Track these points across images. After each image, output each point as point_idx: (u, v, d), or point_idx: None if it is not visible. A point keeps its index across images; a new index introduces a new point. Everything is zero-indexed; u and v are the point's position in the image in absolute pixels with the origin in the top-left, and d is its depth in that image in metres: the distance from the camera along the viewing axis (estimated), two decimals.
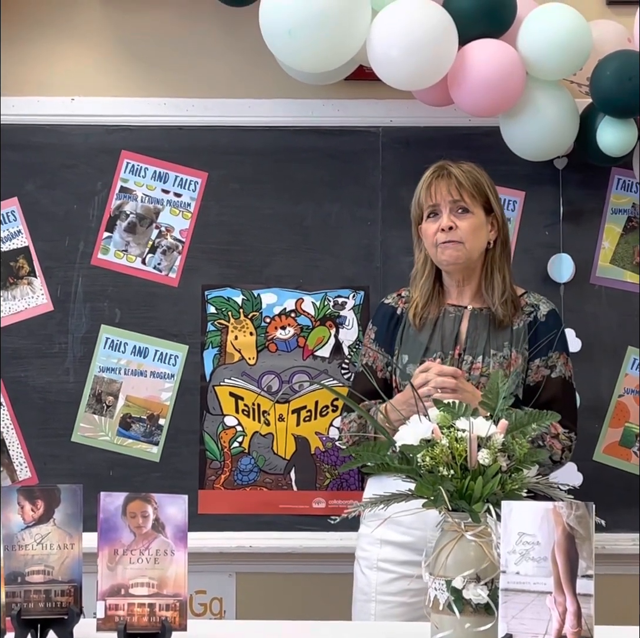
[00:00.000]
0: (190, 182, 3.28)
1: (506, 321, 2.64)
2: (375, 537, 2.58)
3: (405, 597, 2.54)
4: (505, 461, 1.80)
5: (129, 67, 3.32)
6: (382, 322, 2.76)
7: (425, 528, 2.45)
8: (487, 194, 2.67)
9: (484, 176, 2.70)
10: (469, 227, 2.63)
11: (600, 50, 2.94)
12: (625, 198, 3.27)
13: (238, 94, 3.29)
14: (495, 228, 2.69)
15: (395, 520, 2.42)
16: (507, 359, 2.62)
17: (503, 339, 2.64)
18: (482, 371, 2.60)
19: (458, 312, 2.69)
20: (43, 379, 3.24)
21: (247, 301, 3.26)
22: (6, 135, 3.22)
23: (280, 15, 2.75)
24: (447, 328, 2.66)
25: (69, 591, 1.88)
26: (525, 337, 2.65)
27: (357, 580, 2.66)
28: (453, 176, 2.65)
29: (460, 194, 2.64)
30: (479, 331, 2.65)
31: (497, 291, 2.66)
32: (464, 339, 2.65)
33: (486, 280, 2.69)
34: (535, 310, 2.69)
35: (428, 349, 2.64)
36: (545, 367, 2.64)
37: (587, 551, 1.64)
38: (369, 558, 2.61)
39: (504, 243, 2.71)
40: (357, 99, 3.26)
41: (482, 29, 2.87)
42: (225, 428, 3.24)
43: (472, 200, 2.65)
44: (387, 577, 2.57)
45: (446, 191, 2.64)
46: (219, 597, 3.28)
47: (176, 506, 1.86)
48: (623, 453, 3.23)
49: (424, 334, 2.67)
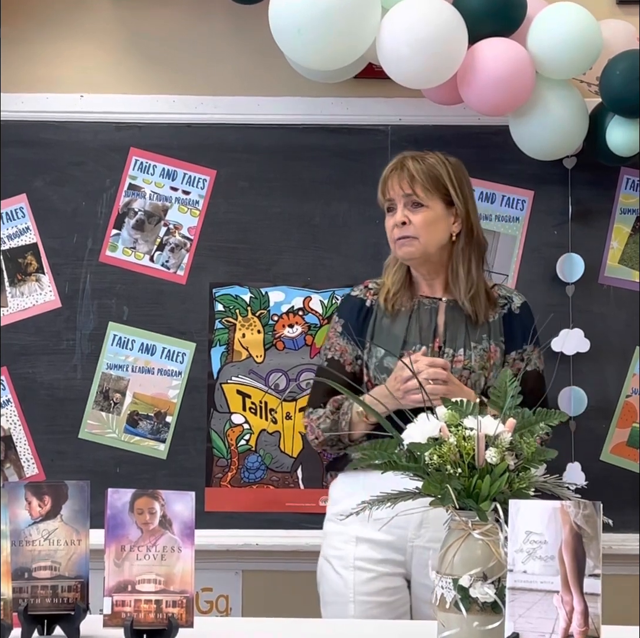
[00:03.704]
0: (198, 180, 3.28)
1: (481, 318, 2.60)
2: (351, 534, 2.53)
3: (384, 596, 2.51)
4: (513, 460, 1.79)
5: (138, 65, 3.32)
6: (351, 314, 2.69)
7: (407, 527, 2.46)
8: (445, 186, 2.61)
9: (448, 167, 2.63)
10: (423, 221, 2.59)
11: (610, 50, 2.93)
12: (634, 198, 3.26)
13: (247, 92, 3.29)
14: (459, 220, 2.63)
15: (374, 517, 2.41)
16: (486, 351, 2.59)
17: (481, 332, 2.61)
18: (464, 364, 2.57)
19: (433, 304, 2.64)
20: (51, 376, 3.24)
21: (255, 299, 3.26)
22: (15, 131, 3.23)
23: (290, 13, 2.75)
24: (424, 320, 2.62)
25: (75, 587, 1.89)
26: (501, 330, 2.63)
27: (329, 580, 2.58)
28: (406, 169, 2.61)
29: (412, 188, 2.59)
30: (456, 323, 2.61)
31: (462, 285, 2.61)
32: (442, 332, 2.61)
33: (452, 273, 2.64)
34: (509, 302, 2.66)
35: (406, 341, 2.60)
36: (520, 360, 2.61)
37: (595, 551, 1.64)
38: (344, 557, 2.54)
39: (469, 235, 2.65)
40: (366, 98, 3.26)
41: (492, 28, 2.86)
42: (232, 425, 3.24)
43: (426, 193, 2.59)
44: (364, 576, 2.52)
45: (398, 185, 2.61)
46: (225, 594, 3.28)
47: (183, 502, 1.86)
48: (630, 453, 3.23)
49: (400, 326, 2.62)
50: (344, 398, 2.58)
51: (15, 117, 3.23)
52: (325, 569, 2.60)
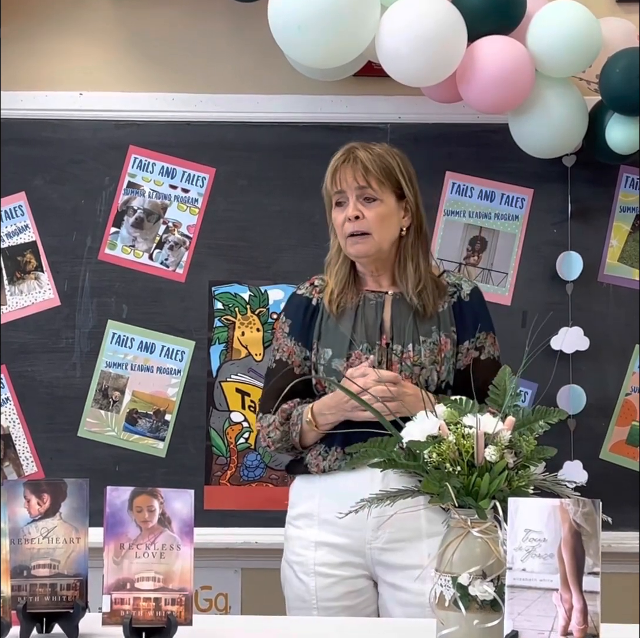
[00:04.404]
0: (198, 178, 3.28)
1: (429, 310, 2.49)
2: (310, 540, 2.49)
3: (347, 600, 2.47)
4: (512, 458, 1.79)
5: (137, 63, 3.32)
6: (297, 314, 2.59)
7: (364, 529, 2.41)
8: (397, 179, 2.51)
9: (397, 158, 2.54)
10: (377, 216, 2.49)
11: (609, 48, 2.93)
12: (634, 196, 3.26)
13: (246, 89, 3.29)
14: (408, 214, 2.54)
15: (329, 520, 2.41)
16: (437, 344, 2.48)
17: (430, 324, 2.50)
18: (414, 360, 2.46)
19: (379, 298, 2.54)
20: (50, 374, 3.24)
21: (254, 297, 3.26)
22: (14, 129, 3.23)
23: (289, 11, 2.75)
24: (370, 316, 2.51)
25: (74, 585, 1.88)
26: (451, 319, 2.52)
27: (292, 586, 2.53)
28: (359, 160, 2.49)
29: (366, 180, 2.48)
30: (403, 317, 2.50)
31: (410, 280, 2.51)
32: (389, 327, 2.50)
33: (399, 268, 2.53)
34: (458, 290, 2.55)
35: (353, 340, 2.49)
36: (474, 349, 2.52)
37: (594, 549, 1.64)
38: (305, 563, 2.49)
39: (418, 229, 2.55)
40: (365, 95, 3.26)
41: (491, 26, 2.86)
42: (231, 424, 3.24)
43: (380, 186, 2.49)
44: (326, 581, 2.47)
45: (352, 177, 2.49)
46: (224, 592, 3.28)
47: (182, 500, 1.85)
48: (630, 451, 3.23)
49: (345, 324, 2.51)
50: (291, 407, 2.52)
51: (15, 115, 3.23)
52: (287, 573, 2.56)
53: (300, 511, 2.54)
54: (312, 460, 2.51)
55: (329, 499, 2.45)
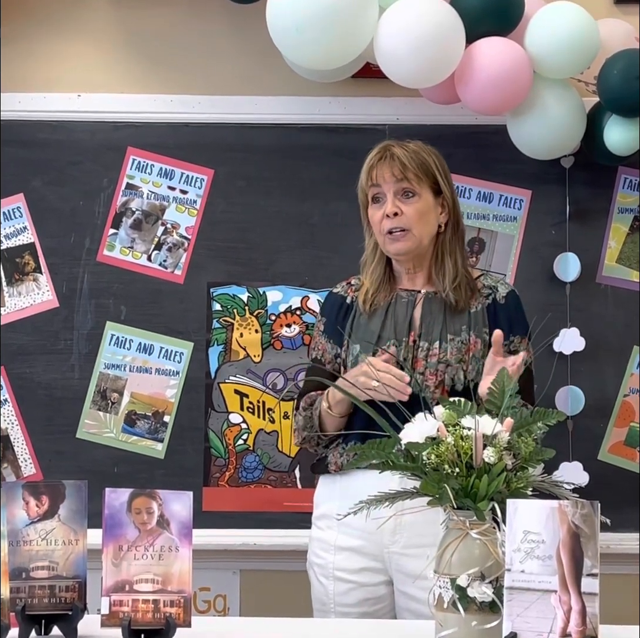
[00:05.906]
0: (196, 179, 3.28)
1: (461, 305, 2.50)
2: (330, 543, 2.49)
3: (364, 607, 2.46)
4: (511, 460, 1.79)
5: (135, 64, 3.32)
6: (331, 312, 2.62)
7: (381, 531, 2.36)
8: (434, 175, 2.51)
9: (432, 155, 2.54)
10: (416, 212, 2.48)
11: (607, 49, 2.93)
12: (632, 197, 3.26)
13: (244, 91, 3.29)
14: (445, 210, 2.54)
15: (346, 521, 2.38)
16: (465, 344, 2.47)
17: (460, 323, 2.49)
18: (440, 357, 2.45)
19: (411, 297, 2.54)
20: (48, 376, 3.24)
21: (253, 298, 3.26)
22: (12, 131, 3.23)
23: (288, 12, 2.75)
24: (400, 314, 2.51)
25: (73, 587, 1.88)
26: (484, 321, 2.51)
27: (314, 587, 2.56)
28: (396, 157, 2.49)
29: (404, 176, 2.48)
30: (433, 315, 2.50)
31: (448, 276, 2.51)
32: (418, 325, 2.50)
33: (437, 265, 2.53)
34: (494, 292, 2.54)
35: (380, 337, 2.49)
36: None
37: (592, 550, 1.64)
38: (325, 567, 2.50)
39: (455, 225, 2.55)
40: (363, 97, 3.26)
41: (489, 27, 2.86)
42: (230, 425, 3.24)
43: (418, 182, 2.48)
44: (344, 587, 2.47)
45: (389, 173, 2.49)
46: (223, 594, 3.28)
47: (181, 502, 1.86)
48: (628, 452, 3.23)
49: (376, 321, 2.52)
50: (318, 394, 2.54)
51: (13, 117, 3.23)
52: (310, 574, 2.58)
53: (321, 511, 2.55)
54: (332, 459, 2.52)
55: (348, 500, 2.44)
